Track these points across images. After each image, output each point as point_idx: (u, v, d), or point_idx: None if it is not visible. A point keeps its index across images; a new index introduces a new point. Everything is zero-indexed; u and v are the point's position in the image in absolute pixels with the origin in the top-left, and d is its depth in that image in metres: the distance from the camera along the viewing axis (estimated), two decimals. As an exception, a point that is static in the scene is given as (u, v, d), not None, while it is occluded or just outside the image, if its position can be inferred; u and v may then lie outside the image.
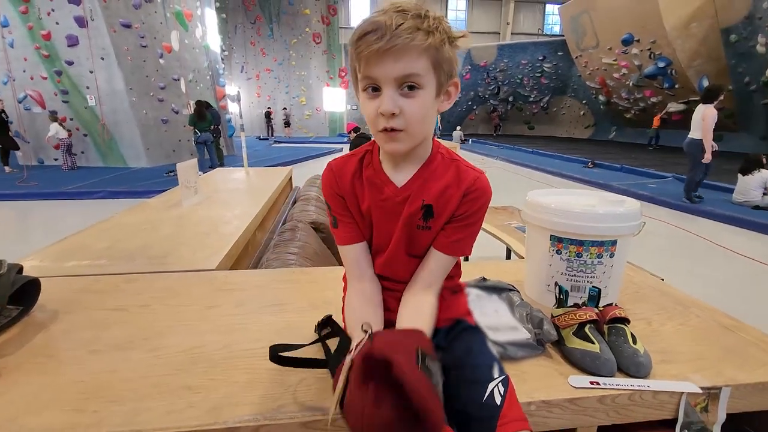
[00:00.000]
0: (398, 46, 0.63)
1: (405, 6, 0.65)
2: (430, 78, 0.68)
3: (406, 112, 0.68)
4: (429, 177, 0.78)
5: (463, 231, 0.78)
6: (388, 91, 0.67)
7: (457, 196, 0.76)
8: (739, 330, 1.01)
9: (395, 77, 0.66)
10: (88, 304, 1.11)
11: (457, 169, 0.78)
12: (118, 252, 1.54)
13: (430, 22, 0.66)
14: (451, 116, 18.04)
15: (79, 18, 8.32)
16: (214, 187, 2.92)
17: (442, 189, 0.77)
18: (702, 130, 4.98)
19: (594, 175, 7.93)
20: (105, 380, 0.80)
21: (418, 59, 0.65)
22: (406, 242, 0.80)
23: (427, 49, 0.65)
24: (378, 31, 0.63)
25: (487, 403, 0.67)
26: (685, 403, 0.80)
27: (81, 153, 9.36)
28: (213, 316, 1.06)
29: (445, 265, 0.80)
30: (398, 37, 0.63)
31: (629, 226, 1.03)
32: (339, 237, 0.83)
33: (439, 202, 0.77)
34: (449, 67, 0.70)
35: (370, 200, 0.79)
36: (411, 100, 0.68)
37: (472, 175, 0.77)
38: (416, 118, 0.69)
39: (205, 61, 11.41)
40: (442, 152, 0.80)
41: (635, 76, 12.04)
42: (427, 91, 0.68)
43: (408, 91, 0.67)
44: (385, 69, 0.66)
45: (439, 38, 0.66)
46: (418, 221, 0.78)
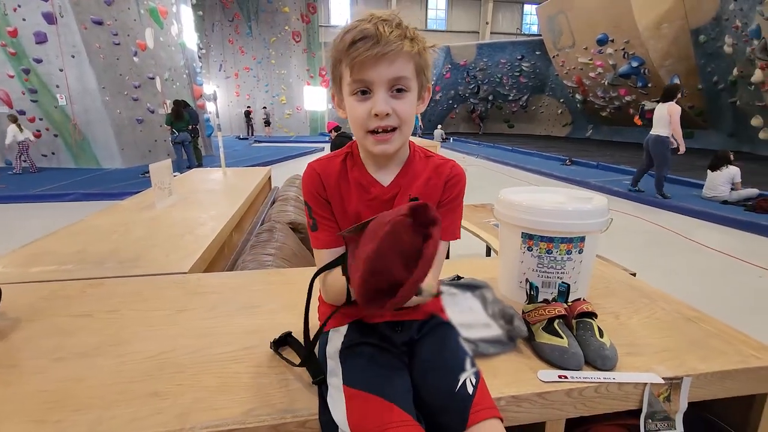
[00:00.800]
0: (392, 52, 0.68)
1: (384, 16, 0.70)
2: (415, 81, 0.74)
3: (398, 111, 0.73)
4: (411, 174, 0.82)
5: (450, 216, 0.84)
6: (381, 93, 0.71)
7: (439, 185, 0.82)
8: (702, 321, 1.05)
9: (388, 79, 0.71)
10: (53, 311, 1.08)
11: (434, 163, 0.84)
12: (87, 256, 1.50)
13: (410, 31, 0.71)
14: (432, 115, 18.14)
15: (48, 14, 8.03)
16: (190, 188, 2.87)
17: (425, 182, 0.82)
18: (671, 125, 5.21)
19: (571, 172, 8.10)
20: (69, 389, 0.77)
21: (407, 64, 0.71)
22: None
23: (413, 56, 0.71)
24: (371, 38, 0.68)
25: (459, 392, 0.69)
26: (648, 394, 0.82)
27: (51, 154, 9.05)
28: (184, 320, 1.04)
29: (441, 251, 0.83)
30: (392, 43, 0.68)
31: (597, 223, 1.05)
32: (318, 240, 0.83)
33: (424, 194, 0.81)
34: (428, 72, 0.76)
35: (357, 200, 0.81)
36: (401, 101, 0.73)
37: (448, 166, 0.84)
38: (407, 116, 0.74)
39: (181, 60, 11.16)
40: (418, 151, 0.85)
41: (610, 75, 12.33)
42: (413, 93, 0.75)
43: (397, 93, 0.72)
44: (380, 72, 0.70)
45: (421, 46, 0.73)
46: None
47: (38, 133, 8.83)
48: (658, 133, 5.37)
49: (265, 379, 0.81)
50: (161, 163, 2.26)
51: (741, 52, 9.09)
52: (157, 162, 2.26)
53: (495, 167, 9.65)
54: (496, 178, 8.19)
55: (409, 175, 0.82)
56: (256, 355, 0.89)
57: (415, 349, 0.78)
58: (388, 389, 0.67)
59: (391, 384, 0.69)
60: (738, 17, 8.92)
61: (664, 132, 5.31)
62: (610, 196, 6.37)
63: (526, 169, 8.90)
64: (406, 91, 0.73)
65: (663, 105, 5.30)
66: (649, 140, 5.53)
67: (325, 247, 0.81)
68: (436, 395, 0.70)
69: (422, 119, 16.15)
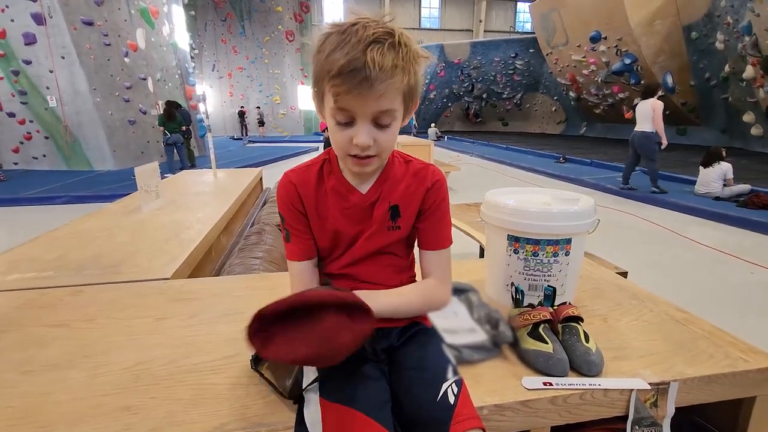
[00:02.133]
0: (380, 89, 0.63)
1: (378, 33, 0.63)
2: (402, 109, 0.71)
3: (380, 142, 0.70)
4: (391, 180, 0.80)
5: (439, 224, 0.82)
6: (364, 126, 0.68)
7: (420, 192, 0.80)
8: (690, 323, 1.04)
9: (373, 113, 0.67)
10: (27, 320, 1.05)
11: (413, 169, 0.81)
12: (68, 263, 1.47)
13: (403, 52, 0.64)
14: (427, 113, 18.13)
15: (37, 15, 7.93)
16: (179, 190, 2.83)
17: (405, 189, 0.79)
18: (654, 120, 5.32)
19: (565, 170, 8.10)
20: (37, 404, 0.75)
21: (395, 97, 0.67)
22: (376, 244, 0.80)
23: (404, 87, 0.66)
24: (360, 72, 0.61)
25: (440, 403, 0.67)
26: (635, 400, 0.81)
27: (42, 156, 8.94)
28: (163, 329, 1.02)
29: (438, 259, 0.83)
30: (381, 81, 0.62)
31: (583, 224, 1.04)
32: (290, 252, 0.82)
33: (404, 202, 0.79)
34: (417, 93, 0.71)
35: (334, 209, 0.79)
36: (384, 133, 0.70)
37: (428, 171, 0.81)
38: (388, 145, 0.72)
39: (173, 60, 11.07)
40: (397, 156, 0.83)
41: (603, 72, 12.36)
42: (398, 120, 0.71)
43: (382, 124, 0.69)
44: (365, 107, 0.66)
45: (413, 72, 0.67)
46: (388, 223, 0.80)
47: (29, 136, 8.73)
48: (643, 129, 5.47)
49: (243, 391, 0.78)
50: (147, 165, 2.22)
51: (732, 48, 9.13)
52: (150, 163, 2.23)
53: (489, 165, 9.65)
54: (490, 176, 8.19)
55: (388, 181, 0.80)
56: (235, 364, 0.87)
57: (395, 356, 0.76)
58: (365, 402, 0.65)
59: (368, 396, 0.67)
60: (729, 14, 8.96)
61: (648, 128, 5.40)
62: (603, 193, 6.38)
63: (521, 167, 8.90)
64: (392, 121, 0.69)
65: (646, 101, 5.42)
66: (635, 137, 5.63)
67: (298, 259, 0.81)
68: (416, 405, 0.68)
69: (417, 118, 16.11)
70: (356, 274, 0.81)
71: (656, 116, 5.29)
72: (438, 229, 0.82)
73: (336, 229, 0.79)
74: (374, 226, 0.79)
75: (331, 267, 0.82)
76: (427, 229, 0.82)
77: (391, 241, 0.81)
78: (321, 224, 0.79)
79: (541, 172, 8.13)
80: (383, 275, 0.82)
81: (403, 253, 0.85)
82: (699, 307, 1.08)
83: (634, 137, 5.64)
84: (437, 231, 0.82)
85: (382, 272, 0.82)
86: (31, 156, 8.92)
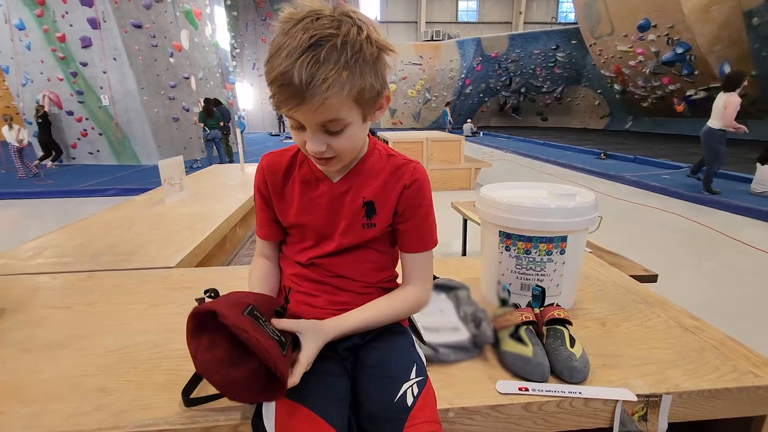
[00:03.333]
0: (314, 105, 0.59)
1: (319, 33, 0.58)
2: (355, 114, 0.65)
3: (334, 147, 0.67)
4: (366, 172, 0.77)
5: (422, 226, 0.78)
6: (312, 134, 0.65)
7: (396, 190, 0.76)
8: (701, 332, 0.95)
9: (316, 123, 0.64)
10: (38, 302, 1.12)
11: (394, 164, 0.78)
12: (87, 249, 1.56)
13: (347, 55, 0.58)
14: (462, 109, 17.79)
15: (92, 20, 8.48)
16: (205, 183, 2.94)
17: (381, 185, 0.76)
18: (723, 119, 4.78)
19: (605, 166, 7.70)
20: (24, 380, 0.79)
21: (339, 108, 0.62)
22: (351, 240, 0.78)
23: (347, 97, 0.61)
24: (290, 86, 0.58)
25: (397, 403, 0.64)
26: (621, 411, 0.74)
27: (97, 152, 9.59)
28: (155, 315, 1.05)
29: (421, 261, 0.80)
30: (312, 96, 0.58)
31: (581, 221, 0.97)
32: (257, 229, 0.85)
33: (380, 199, 0.76)
34: (375, 93, 0.65)
35: (302, 198, 0.78)
36: (336, 138, 0.66)
37: (409, 168, 0.77)
38: (345, 149, 0.69)
39: (214, 59, 11.52)
40: (379, 148, 0.80)
41: (652, 63, 11.59)
42: (353, 125, 0.66)
43: (333, 131, 0.65)
44: (304, 118, 0.63)
45: (359, 79, 0.60)
46: (363, 220, 0.77)
47: (85, 132, 9.39)
48: (711, 125, 4.97)
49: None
50: (171, 159, 2.32)
51: (801, 34, 8.30)
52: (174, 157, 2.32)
53: (525, 162, 9.34)
54: (522, 173, 7.92)
55: (363, 173, 0.77)
56: (213, 352, 0.88)
57: (359, 354, 0.75)
58: (317, 400, 0.64)
59: (321, 393, 0.65)
60: (799, -4, 8.14)
61: (715, 124, 4.89)
62: (646, 191, 6.01)
63: (558, 164, 8.55)
64: (343, 127, 0.65)
65: (722, 95, 4.84)
66: (702, 130, 5.15)
67: (260, 236, 0.84)
68: (374, 404, 0.66)
69: (451, 113, 15.86)
70: (329, 266, 0.79)
71: (727, 114, 4.72)
72: (420, 232, 0.79)
73: (301, 219, 0.78)
74: (346, 220, 0.77)
75: (301, 255, 0.80)
76: (407, 231, 0.78)
77: (366, 238, 0.78)
78: (285, 211, 0.79)
79: (579, 169, 7.78)
80: (359, 271, 0.79)
81: (384, 249, 0.82)
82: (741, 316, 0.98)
83: (702, 131, 5.16)
84: (419, 233, 0.79)
85: (359, 268, 0.79)
86: (86, 151, 9.60)
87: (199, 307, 0.60)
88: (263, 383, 0.60)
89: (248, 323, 0.58)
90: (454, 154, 6.03)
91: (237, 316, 0.58)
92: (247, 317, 0.59)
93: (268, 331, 0.60)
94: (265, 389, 0.60)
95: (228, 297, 0.64)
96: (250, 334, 0.56)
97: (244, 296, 0.65)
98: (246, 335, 0.56)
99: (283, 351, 0.60)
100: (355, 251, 0.79)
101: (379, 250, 0.81)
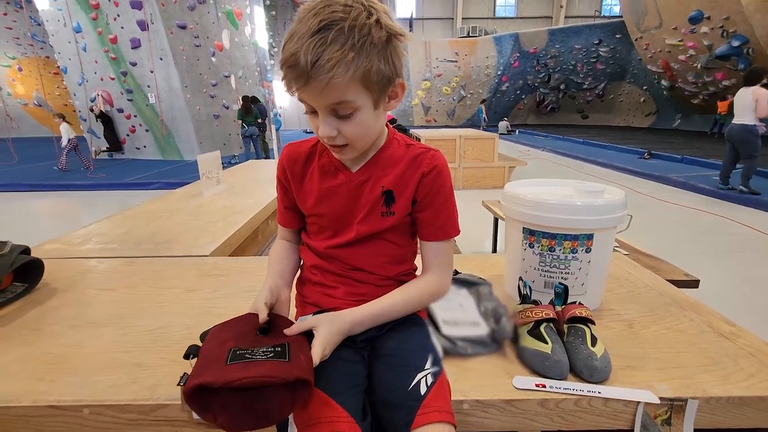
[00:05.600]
0: (320, 84, 0.61)
1: (329, 17, 0.60)
2: (364, 98, 0.66)
3: (344, 132, 0.68)
4: (385, 162, 0.78)
5: (441, 214, 0.78)
6: (323, 118, 0.67)
7: (415, 178, 0.77)
8: (737, 338, 0.90)
9: (325, 106, 0.66)
10: (85, 284, 1.21)
11: (413, 153, 0.78)
12: (130, 237, 1.66)
13: (354, 39, 0.60)
14: (498, 106, 17.43)
15: (141, 22, 8.95)
16: (240, 178, 3.05)
17: (400, 174, 0.77)
18: (758, 110, 4.65)
19: (649, 166, 7.33)
20: (70, 353, 0.87)
21: (345, 89, 0.63)
22: (369, 228, 0.79)
23: (352, 78, 0.62)
24: (296, 68, 0.61)
25: (410, 392, 0.66)
26: (642, 414, 0.72)
27: (144, 147, 10.14)
28: (189, 300, 1.11)
29: (440, 250, 0.80)
30: (316, 76, 0.60)
31: (608, 219, 0.94)
32: (277, 216, 0.90)
33: (399, 187, 0.77)
34: (385, 78, 0.66)
35: (320, 187, 0.80)
36: (346, 123, 0.67)
37: (428, 156, 0.78)
38: (356, 136, 0.70)
39: (253, 58, 11.86)
40: (398, 139, 0.81)
41: (704, 57, 10.91)
42: (364, 110, 0.67)
43: (342, 116, 0.66)
44: (313, 101, 0.66)
45: (365, 60, 0.61)
46: (382, 208, 0.78)
47: (133, 129, 9.94)
48: (743, 121, 4.79)
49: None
50: (209, 154, 2.43)
51: None
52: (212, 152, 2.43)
53: (563, 161, 9.04)
54: (559, 172, 7.67)
55: (382, 162, 0.78)
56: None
57: (376, 344, 0.76)
58: (330, 383, 0.66)
59: (334, 378, 0.67)
60: None
61: (749, 120, 4.73)
62: (694, 193, 5.68)
63: (598, 163, 8.23)
64: (353, 112, 0.66)
65: (746, 90, 4.75)
66: (732, 130, 4.96)
67: (280, 223, 0.89)
68: (388, 391, 0.68)
69: (487, 111, 15.57)
70: (346, 258, 0.80)
71: (760, 106, 4.61)
72: (438, 220, 0.78)
73: (319, 208, 0.80)
74: (365, 209, 0.78)
75: (319, 245, 0.82)
76: (426, 219, 0.79)
77: (384, 227, 0.79)
78: (304, 199, 0.82)
79: (620, 169, 7.45)
80: (377, 264, 0.80)
81: (402, 242, 0.82)
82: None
83: (731, 131, 4.99)
84: (438, 221, 0.79)
85: (376, 260, 0.80)
86: (135, 147, 10.18)
87: (187, 388, 0.57)
88: (291, 391, 0.58)
89: (237, 369, 0.57)
90: (487, 152, 5.93)
91: (223, 372, 0.57)
92: (232, 365, 0.58)
93: (259, 357, 0.59)
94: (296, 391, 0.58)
95: (206, 353, 0.63)
96: (243, 378, 0.55)
97: (221, 341, 0.64)
98: (240, 382, 0.55)
99: (286, 358, 0.59)
100: (372, 243, 0.80)
101: (397, 243, 0.82)
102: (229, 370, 0.57)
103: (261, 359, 0.59)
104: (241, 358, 0.59)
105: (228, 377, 0.56)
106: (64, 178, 7.49)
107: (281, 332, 0.66)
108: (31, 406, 0.71)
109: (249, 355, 0.60)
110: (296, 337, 0.66)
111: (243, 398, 0.57)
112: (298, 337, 0.66)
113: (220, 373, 0.56)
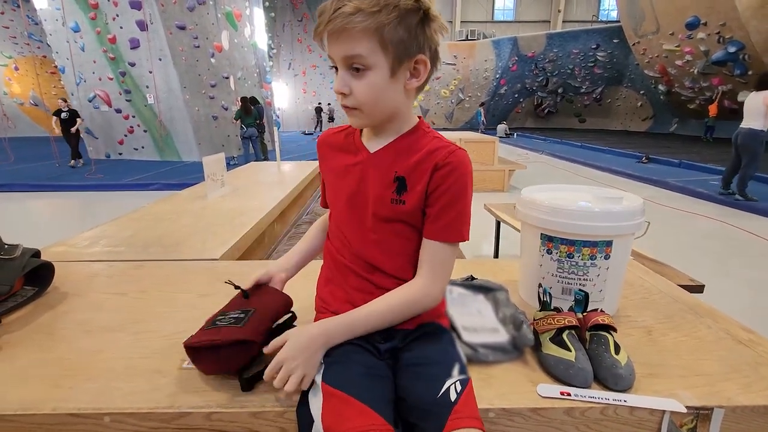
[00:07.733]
0: (337, 30, 0.66)
1: None
2: (378, 58, 0.68)
3: (354, 91, 0.70)
4: (404, 148, 0.77)
5: (448, 212, 0.75)
6: (340, 73, 0.72)
7: (428, 169, 0.75)
8: (755, 345, 0.90)
9: (341, 58, 0.69)
10: (95, 287, 1.20)
11: (434, 145, 0.77)
12: (137, 240, 1.65)
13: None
14: (496, 110, 17.50)
15: (140, 22, 8.91)
16: (244, 180, 3.04)
17: (416, 162, 0.76)
18: (766, 116, 4.59)
19: (647, 171, 7.38)
20: (87, 359, 0.85)
21: (360, 41, 0.67)
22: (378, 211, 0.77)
23: (365, 31, 0.66)
24: (325, 12, 0.67)
25: (440, 399, 0.65)
26: (668, 423, 0.72)
27: (142, 148, 10.08)
28: (203, 304, 1.10)
29: (437, 252, 0.76)
30: (334, 21, 0.65)
31: (626, 226, 0.94)
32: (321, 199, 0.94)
33: (412, 176, 0.75)
34: (403, 44, 0.68)
35: (339, 165, 0.82)
36: (359, 81, 0.70)
37: (445, 150, 0.75)
38: (365, 98, 0.71)
39: (252, 59, 11.85)
40: (427, 131, 0.80)
41: (701, 62, 11.02)
42: (377, 72, 0.69)
43: (355, 71, 0.70)
44: (332, 50, 0.70)
45: (385, 18, 0.65)
46: (392, 195, 0.76)
47: (131, 129, 9.89)
48: (751, 126, 4.74)
49: (260, 366, 0.83)
50: (214, 156, 2.41)
51: None
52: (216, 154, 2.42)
53: (561, 164, 9.08)
54: (558, 175, 7.71)
55: (401, 148, 0.77)
56: (257, 342, 0.92)
57: (400, 355, 0.76)
58: (366, 393, 0.65)
59: (368, 387, 0.67)
60: None
61: (758, 125, 4.67)
62: (693, 198, 5.72)
63: (596, 167, 8.28)
64: (365, 70, 0.69)
65: (758, 93, 4.66)
66: (739, 134, 4.91)
67: (321, 205, 0.94)
68: (417, 399, 0.67)
69: (485, 114, 15.62)
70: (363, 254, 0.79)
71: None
72: (442, 218, 0.75)
73: (336, 184, 0.83)
74: (375, 191, 0.77)
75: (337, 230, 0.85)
76: (431, 215, 0.75)
77: (395, 216, 0.77)
78: (327, 178, 0.86)
79: (618, 173, 7.50)
80: (395, 265, 0.79)
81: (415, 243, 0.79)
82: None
83: (738, 134, 4.92)
84: (442, 220, 0.75)
85: (395, 261, 0.79)
86: (132, 147, 10.11)
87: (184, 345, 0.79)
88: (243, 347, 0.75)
89: (206, 333, 0.78)
90: (487, 156, 5.95)
91: (199, 336, 0.79)
92: (206, 330, 0.79)
93: (224, 323, 0.79)
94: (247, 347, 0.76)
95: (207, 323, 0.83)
96: (204, 340, 0.76)
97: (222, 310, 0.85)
98: (202, 343, 0.76)
99: (241, 324, 0.77)
100: (387, 239, 0.78)
101: (416, 241, 0.79)
102: (201, 335, 0.78)
103: (223, 325, 0.78)
104: (213, 324, 0.80)
105: (198, 339, 0.77)
106: (62, 178, 7.45)
107: (256, 299, 0.86)
108: (51, 413, 0.70)
109: (219, 321, 0.80)
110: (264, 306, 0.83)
111: (210, 353, 0.76)
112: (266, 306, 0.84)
113: (196, 337, 0.78)
